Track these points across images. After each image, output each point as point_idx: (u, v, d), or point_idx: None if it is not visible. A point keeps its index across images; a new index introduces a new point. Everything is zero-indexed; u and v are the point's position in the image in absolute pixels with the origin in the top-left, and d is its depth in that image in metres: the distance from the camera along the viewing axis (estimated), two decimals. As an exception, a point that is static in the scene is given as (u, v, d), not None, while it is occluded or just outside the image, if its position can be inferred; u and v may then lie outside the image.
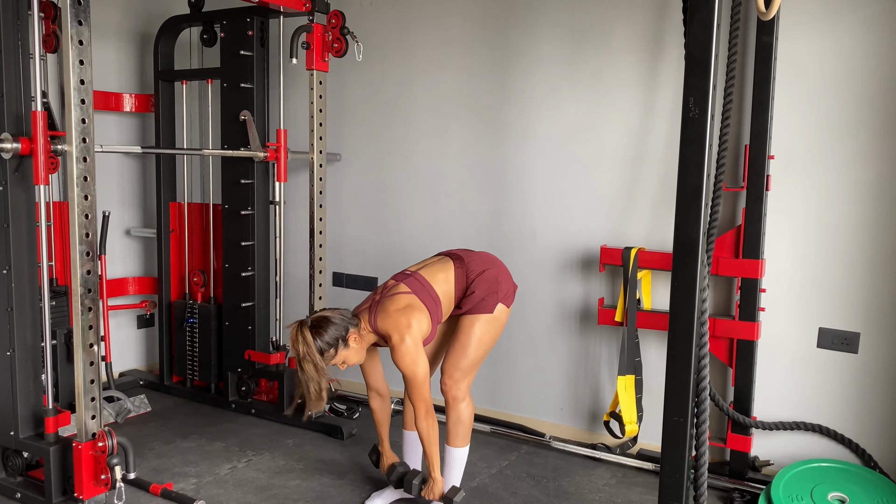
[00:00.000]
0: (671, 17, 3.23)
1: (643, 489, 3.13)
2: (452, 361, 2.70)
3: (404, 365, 2.56)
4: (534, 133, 3.61)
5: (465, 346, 2.68)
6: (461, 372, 2.69)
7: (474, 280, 2.70)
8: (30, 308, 2.86)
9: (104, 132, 4.16)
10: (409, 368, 2.56)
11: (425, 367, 2.60)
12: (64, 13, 2.49)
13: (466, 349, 2.68)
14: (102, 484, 2.70)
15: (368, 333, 2.63)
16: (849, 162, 2.95)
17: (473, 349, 2.68)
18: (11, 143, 2.64)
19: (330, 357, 2.54)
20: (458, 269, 2.74)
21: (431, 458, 2.66)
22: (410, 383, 2.59)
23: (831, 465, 2.91)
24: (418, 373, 2.57)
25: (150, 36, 4.30)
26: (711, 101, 1.87)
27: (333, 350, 2.53)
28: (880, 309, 2.94)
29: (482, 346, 2.70)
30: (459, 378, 2.69)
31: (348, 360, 2.60)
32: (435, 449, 2.66)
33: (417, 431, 2.66)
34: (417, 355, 2.57)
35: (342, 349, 2.56)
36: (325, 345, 2.51)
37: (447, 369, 2.71)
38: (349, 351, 2.58)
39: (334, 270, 4.27)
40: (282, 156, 3.78)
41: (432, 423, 2.62)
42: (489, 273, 2.72)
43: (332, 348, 2.53)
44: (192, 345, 4.14)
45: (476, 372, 2.75)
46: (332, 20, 3.54)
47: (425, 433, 2.62)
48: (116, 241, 4.36)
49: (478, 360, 2.72)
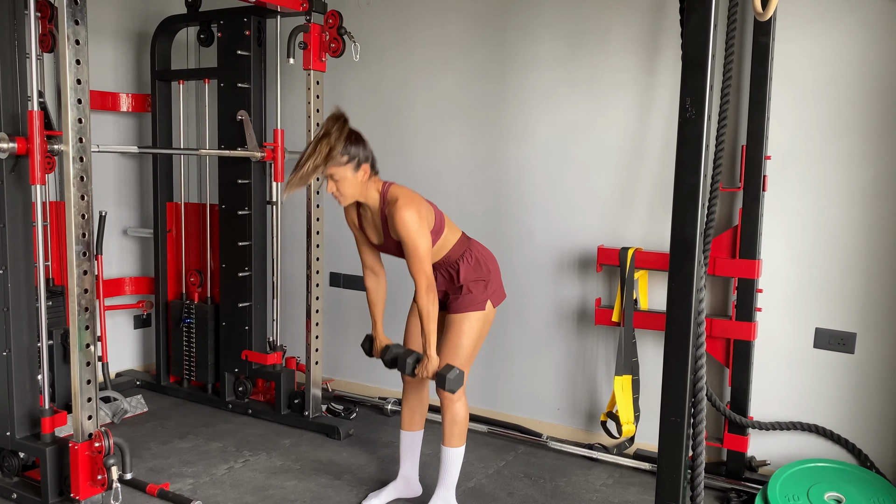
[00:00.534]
0: (668, 17, 3.24)
1: (640, 489, 3.13)
2: (444, 360, 2.69)
3: (407, 232, 2.50)
4: (531, 133, 3.61)
5: (455, 344, 2.68)
6: None
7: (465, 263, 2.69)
8: (26, 308, 2.86)
9: (101, 132, 4.16)
10: (412, 238, 2.51)
11: (427, 243, 2.54)
12: (60, 13, 2.48)
13: (457, 347, 2.67)
14: (99, 484, 2.69)
15: (374, 191, 2.58)
16: (845, 162, 2.95)
17: (464, 347, 2.68)
18: (8, 142, 2.63)
19: (338, 162, 2.46)
20: (463, 238, 2.74)
21: (429, 334, 2.59)
22: (412, 254, 2.53)
23: (828, 465, 2.91)
24: (420, 244, 2.52)
25: (146, 35, 4.30)
26: (708, 102, 1.87)
27: (346, 159, 2.47)
28: (876, 309, 2.94)
29: (471, 343, 2.69)
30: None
31: (342, 185, 2.51)
32: (433, 326, 2.59)
33: (417, 307, 2.58)
34: (421, 228, 2.51)
35: (350, 168, 2.49)
36: (345, 149, 2.46)
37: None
38: (353, 177, 2.50)
39: (331, 270, 4.27)
40: (279, 156, 3.78)
41: (433, 298, 2.56)
42: (483, 270, 2.72)
43: (346, 156, 2.47)
44: (189, 345, 4.13)
45: (469, 369, 2.74)
46: (330, 20, 3.54)
47: (425, 309, 2.56)
48: (113, 241, 4.36)
49: (469, 357, 2.71)
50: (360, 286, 4.16)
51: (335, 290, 4.28)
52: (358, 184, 2.54)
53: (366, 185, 2.57)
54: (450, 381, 2.58)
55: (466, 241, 2.76)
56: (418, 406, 2.93)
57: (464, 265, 2.70)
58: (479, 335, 2.71)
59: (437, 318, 2.61)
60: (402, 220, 2.50)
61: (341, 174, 2.50)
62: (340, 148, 2.45)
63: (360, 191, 2.57)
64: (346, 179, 2.52)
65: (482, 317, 2.70)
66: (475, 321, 2.69)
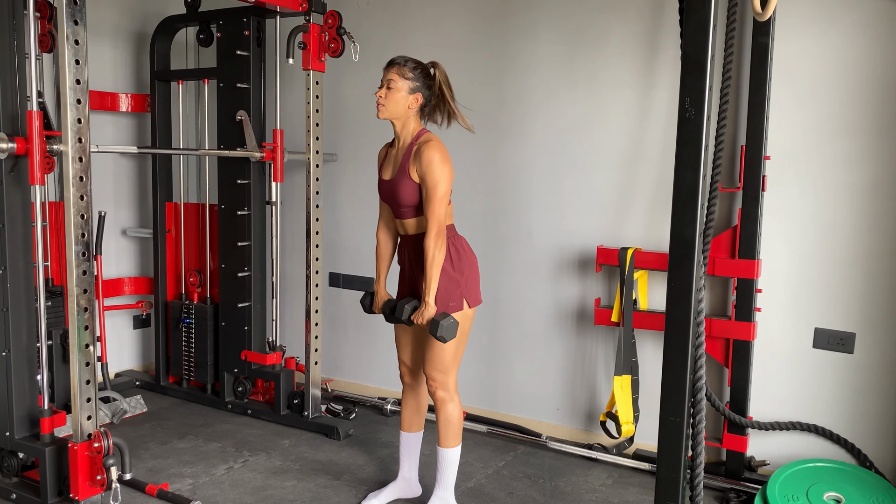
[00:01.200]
0: (667, 18, 3.24)
1: (639, 489, 3.13)
2: (431, 364, 2.68)
3: (431, 169, 2.54)
4: (530, 133, 3.61)
5: (437, 345, 2.65)
6: (441, 372, 2.68)
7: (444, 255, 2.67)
8: (25, 308, 2.85)
9: (100, 132, 4.15)
10: (434, 176, 2.54)
11: (447, 188, 2.57)
12: (60, 13, 2.48)
13: (440, 349, 2.65)
14: (98, 485, 2.69)
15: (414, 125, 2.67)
16: (844, 162, 2.96)
17: (447, 349, 2.65)
18: (7, 143, 2.63)
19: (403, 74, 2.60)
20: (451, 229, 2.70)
21: (430, 280, 2.58)
22: (431, 193, 2.55)
23: (827, 465, 2.91)
24: (440, 185, 2.54)
25: (146, 36, 4.30)
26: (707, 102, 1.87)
27: (411, 77, 2.61)
28: (876, 309, 2.95)
29: (453, 343, 2.66)
30: (442, 379, 2.68)
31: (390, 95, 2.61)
32: (435, 272, 2.58)
33: (424, 249, 2.58)
34: (444, 171, 2.55)
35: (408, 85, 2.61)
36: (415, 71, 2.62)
37: (428, 372, 2.71)
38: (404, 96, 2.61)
39: (331, 271, 4.27)
40: (278, 156, 3.78)
41: (441, 244, 2.57)
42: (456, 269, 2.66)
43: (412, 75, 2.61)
44: (189, 345, 4.13)
45: (458, 369, 2.73)
46: (329, 20, 3.54)
47: (430, 252, 2.56)
48: (112, 242, 4.36)
49: (453, 357, 2.69)
50: (359, 287, 4.17)
51: (334, 291, 4.28)
52: (404, 105, 2.62)
53: (408, 113, 2.64)
54: (443, 327, 2.55)
55: (453, 232, 2.72)
56: (417, 408, 2.93)
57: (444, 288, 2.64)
58: (459, 336, 2.67)
59: (440, 266, 2.60)
60: (430, 156, 2.55)
61: (397, 84, 2.60)
62: (412, 66, 2.61)
63: (402, 113, 2.64)
64: (397, 92, 2.60)
65: (461, 316, 2.66)
66: None
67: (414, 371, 2.89)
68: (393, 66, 2.62)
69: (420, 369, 2.86)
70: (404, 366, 2.90)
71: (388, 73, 2.62)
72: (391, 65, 2.63)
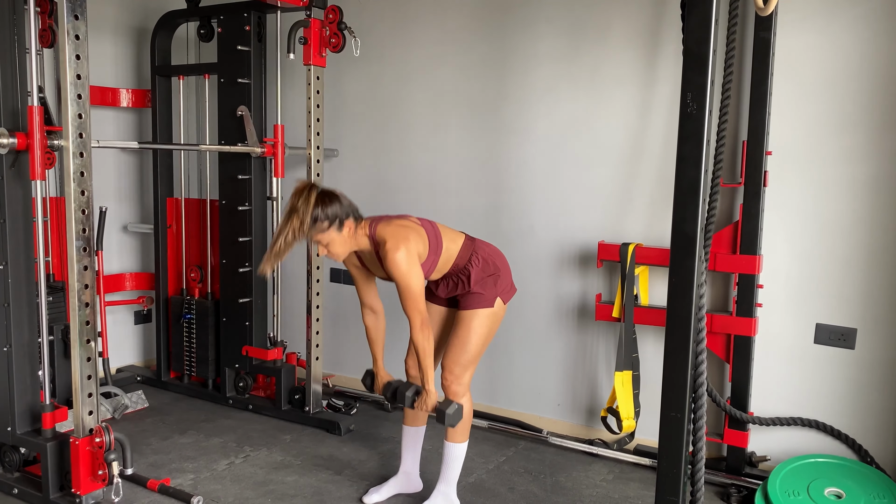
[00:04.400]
0: (668, 12, 3.23)
1: (640, 485, 3.14)
2: (452, 357, 2.70)
3: (398, 274, 2.52)
4: (531, 129, 3.61)
5: (464, 340, 2.68)
6: (461, 367, 2.69)
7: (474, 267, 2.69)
8: (26, 304, 2.86)
9: (101, 127, 4.15)
10: (403, 279, 2.53)
11: (420, 281, 2.55)
12: (60, 8, 2.48)
13: (466, 344, 2.68)
14: (100, 479, 2.70)
15: (364, 237, 2.59)
16: (846, 158, 2.95)
17: (473, 343, 2.68)
18: (8, 138, 2.63)
19: (319, 229, 2.48)
20: (467, 242, 2.74)
21: (426, 370, 2.61)
22: (404, 294, 2.55)
23: (828, 461, 2.91)
24: (412, 284, 2.53)
25: (146, 31, 4.29)
26: (709, 97, 1.87)
27: (327, 224, 2.47)
28: (877, 305, 2.94)
29: (480, 340, 2.70)
30: (460, 373, 2.70)
31: (332, 247, 2.53)
32: (430, 361, 2.61)
33: (414, 344, 2.59)
34: (411, 267, 2.53)
35: (333, 230, 2.50)
36: (323, 215, 2.46)
37: (447, 365, 2.71)
38: (338, 236, 2.52)
39: (332, 266, 4.27)
40: (279, 151, 3.78)
41: (428, 335, 2.58)
42: (490, 267, 2.72)
43: (326, 221, 2.47)
44: (190, 341, 4.14)
45: (475, 367, 2.75)
46: (330, 15, 3.53)
47: (420, 346, 2.58)
48: (113, 237, 4.36)
49: (476, 354, 2.72)
50: (360, 282, 4.17)
51: (335, 286, 4.28)
52: (347, 240, 2.56)
53: (354, 237, 2.58)
54: (448, 416, 2.62)
55: (471, 244, 2.74)
56: None
57: (474, 269, 2.70)
58: (488, 332, 2.71)
59: (433, 355, 2.64)
60: (391, 262, 2.52)
61: (327, 238, 2.52)
62: (310, 219, 2.45)
63: (351, 244, 2.59)
64: (333, 241, 2.53)
65: (491, 314, 2.69)
66: (484, 318, 2.69)
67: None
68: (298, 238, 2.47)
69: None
70: (412, 358, 2.90)
71: (315, 235, 2.50)
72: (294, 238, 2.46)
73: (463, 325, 2.69)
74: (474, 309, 2.68)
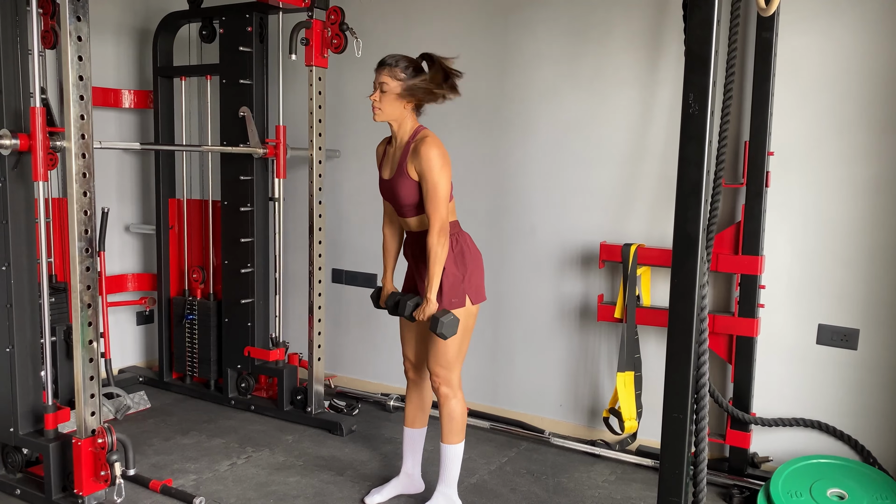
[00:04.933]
0: (670, 13, 3.23)
1: (642, 485, 3.13)
2: (433, 359, 2.68)
3: (430, 168, 2.51)
4: (533, 130, 3.61)
5: (438, 342, 2.65)
6: (445, 368, 2.67)
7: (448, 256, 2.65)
8: (29, 305, 2.86)
9: (103, 128, 4.16)
10: (434, 175, 2.51)
11: (447, 186, 2.55)
12: (62, 9, 2.48)
13: (444, 344, 2.65)
14: (102, 480, 2.70)
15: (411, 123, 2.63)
16: (848, 158, 2.95)
17: (450, 346, 2.65)
18: (10, 139, 2.63)
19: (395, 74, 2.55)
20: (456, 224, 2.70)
21: (432, 277, 2.58)
22: (431, 193, 2.54)
23: (830, 462, 2.91)
24: (440, 184, 2.53)
25: (148, 32, 4.30)
26: (711, 98, 1.87)
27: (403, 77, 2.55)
28: (879, 305, 2.94)
29: (457, 341, 2.66)
30: (445, 375, 2.68)
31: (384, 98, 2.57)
32: (438, 269, 2.58)
33: (427, 247, 2.56)
34: (444, 168, 2.53)
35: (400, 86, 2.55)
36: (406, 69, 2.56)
37: (431, 368, 2.70)
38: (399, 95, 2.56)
39: (333, 267, 4.27)
40: (281, 152, 3.78)
41: (444, 242, 2.56)
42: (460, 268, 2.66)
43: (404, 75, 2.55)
44: (192, 341, 4.14)
45: (461, 365, 2.72)
46: (332, 16, 3.54)
47: (433, 250, 2.55)
48: (116, 238, 4.36)
49: (456, 354, 2.68)
50: (362, 283, 4.17)
51: (337, 287, 4.28)
52: (399, 106, 2.58)
53: (404, 113, 2.60)
54: (442, 324, 2.56)
55: (457, 229, 2.71)
56: (421, 404, 2.94)
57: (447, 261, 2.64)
58: (463, 331, 2.67)
59: (443, 262, 2.59)
60: (428, 154, 2.52)
61: (390, 86, 2.55)
62: (404, 65, 2.54)
63: (398, 114, 2.60)
64: (390, 94, 2.56)
65: (463, 313, 2.65)
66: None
67: (418, 367, 2.89)
68: (384, 68, 2.57)
69: (424, 365, 2.86)
70: (408, 361, 2.90)
71: (380, 76, 2.57)
72: (382, 66, 2.58)
73: None
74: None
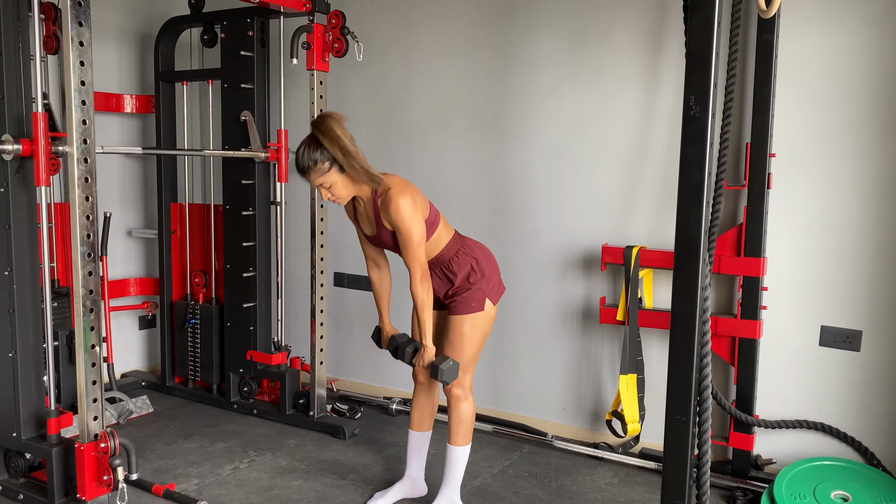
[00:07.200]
0: (671, 15, 3.23)
1: (645, 488, 3.13)
2: None
3: (401, 219, 2.47)
4: (534, 132, 3.61)
5: (458, 346, 2.66)
6: (460, 371, 2.68)
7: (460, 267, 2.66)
8: (31, 309, 2.86)
9: (105, 133, 4.17)
10: (406, 225, 2.48)
11: (421, 231, 2.51)
12: (64, 15, 2.49)
13: (461, 350, 2.66)
14: (105, 485, 2.70)
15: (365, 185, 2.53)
16: (850, 159, 2.94)
17: (467, 348, 2.67)
18: (12, 144, 2.64)
19: (321, 171, 2.45)
20: (456, 237, 2.72)
21: (424, 324, 2.59)
22: (406, 243, 2.52)
23: (834, 464, 2.90)
24: (414, 233, 2.50)
25: (150, 37, 4.31)
26: (712, 99, 1.87)
27: (327, 165, 2.44)
28: (882, 307, 2.93)
29: (475, 344, 2.68)
30: (459, 377, 2.69)
31: (334, 189, 2.49)
32: (428, 315, 2.59)
33: (412, 296, 2.56)
34: (415, 215, 2.49)
35: (335, 171, 2.46)
36: (322, 157, 2.43)
37: None
38: (340, 178, 2.47)
39: (335, 271, 4.27)
40: (283, 156, 3.78)
41: (427, 287, 2.56)
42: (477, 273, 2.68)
43: (327, 162, 2.44)
44: (194, 345, 4.14)
45: (475, 368, 2.73)
46: (333, 20, 3.54)
47: (419, 298, 2.55)
48: (118, 242, 4.37)
49: (473, 357, 2.70)
50: (364, 286, 4.16)
51: (339, 290, 4.28)
52: (349, 183, 2.52)
53: (358, 182, 2.53)
54: (443, 371, 2.57)
55: (459, 240, 2.72)
56: (428, 407, 2.93)
57: (457, 265, 2.67)
58: (481, 336, 2.70)
59: (431, 307, 2.60)
60: (395, 206, 2.48)
61: (329, 180, 2.49)
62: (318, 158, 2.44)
63: (354, 187, 2.55)
64: (335, 182, 2.50)
65: (482, 317, 2.68)
66: (476, 322, 2.67)
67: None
68: (309, 173, 2.47)
69: None
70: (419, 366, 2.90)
71: (313, 181, 2.49)
72: (305, 173, 2.48)
73: (455, 330, 2.67)
74: (464, 314, 2.67)
